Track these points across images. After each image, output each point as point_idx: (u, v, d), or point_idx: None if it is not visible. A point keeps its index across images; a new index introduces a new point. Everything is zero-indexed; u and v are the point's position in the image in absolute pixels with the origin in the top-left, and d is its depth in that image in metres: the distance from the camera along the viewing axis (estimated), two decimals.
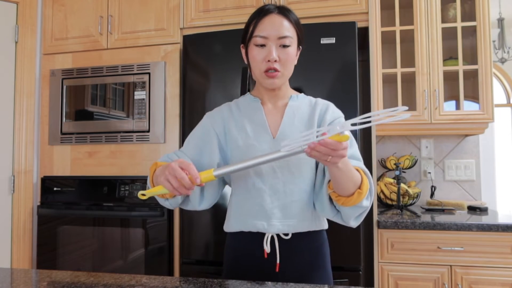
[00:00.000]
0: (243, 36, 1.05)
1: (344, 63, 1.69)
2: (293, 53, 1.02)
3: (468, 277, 1.62)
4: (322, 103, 1.09)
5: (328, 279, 1.06)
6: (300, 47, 1.08)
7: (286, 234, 1.00)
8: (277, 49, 0.99)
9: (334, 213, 1.00)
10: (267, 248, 0.99)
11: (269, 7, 1.01)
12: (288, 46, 1.00)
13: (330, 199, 1.00)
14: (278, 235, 1.00)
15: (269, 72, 1.00)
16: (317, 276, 1.03)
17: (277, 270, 0.99)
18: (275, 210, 0.99)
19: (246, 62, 1.09)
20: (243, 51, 1.08)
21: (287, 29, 1.00)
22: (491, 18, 1.94)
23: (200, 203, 1.05)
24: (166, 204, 1.03)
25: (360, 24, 1.82)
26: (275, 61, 0.99)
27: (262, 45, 1.00)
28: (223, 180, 1.10)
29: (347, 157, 0.88)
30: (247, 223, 1.01)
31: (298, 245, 1.01)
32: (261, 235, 1.00)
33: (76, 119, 2.03)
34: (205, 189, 1.04)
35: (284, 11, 1.02)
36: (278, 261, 0.99)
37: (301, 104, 1.09)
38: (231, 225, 1.06)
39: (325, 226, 1.09)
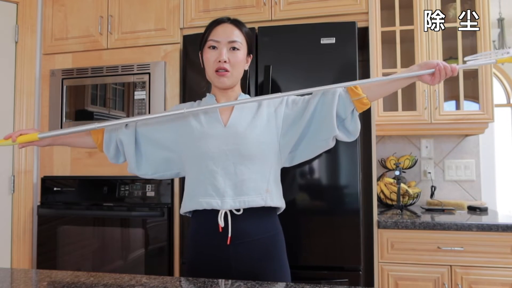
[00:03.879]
0: (200, 42, 1.21)
1: (344, 63, 1.69)
2: (242, 57, 1.17)
3: (468, 277, 1.62)
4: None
5: (284, 270, 1.16)
6: (251, 55, 1.24)
7: (238, 210, 1.10)
8: (227, 52, 1.15)
9: (339, 130, 1.12)
10: (221, 223, 1.09)
11: (223, 18, 1.18)
12: (237, 49, 1.16)
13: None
14: (230, 211, 1.10)
15: (219, 72, 1.14)
16: (272, 265, 1.13)
17: (228, 243, 1.09)
18: (228, 189, 1.10)
19: (202, 66, 1.22)
20: (200, 56, 1.22)
21: (237, 36, 1.16)
22: (491, 18, 1.94)
23: (137, 167, 1.22)
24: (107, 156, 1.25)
25: (360, 24, 1.81)
26: (225, 61, 1.14)
27: (214, 48, 1.15)
28: (175, 163, 1.22)
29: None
30: (202, 201, 1.11)
31: (249, 221, 1.11)
32: (215, 212, 1.11)
33: (76, 119, 2.03)
34: (142, 157, 1.22)
35: (235, 22, 1.18)
36: (229, 235, 1.09)
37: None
38: (186, 205, 1.17)
39: (280, 204, 1.17)
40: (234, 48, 1.15)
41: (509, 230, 1.60)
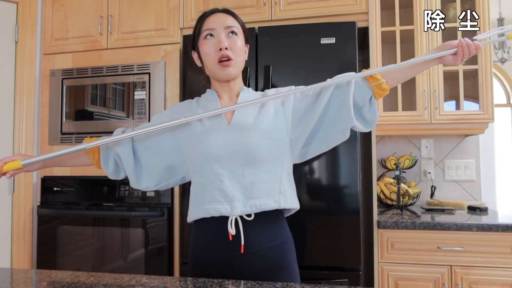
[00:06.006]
0: (193, 39, 1.11)
1: (344, 63, 1.69)
2: (241, 44, 1.08)
3: (468, 277, 1.62)
4: (273, 90, 1.14)
5: (293, 279, 1.07)
6: (248, 44, 1.14)
7: (249, 215, 1.01)
8: (226, 37, 1.05)
9: (356, 119, 1.05)
10: (232, 231, 1.00)
11: (214, 9, 1.10)
12: (235, 34, 1.06)
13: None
14: (241, 217, 1.01)
15: (223, 62, 1.04)
16: (280, 276, 1.03)
17: (242, 251, 1.00)
18: (237, 193, 1.01)
19: (199, 64, 1.13)
20: (195, 56, 1.13)
21: (232, 22, 1.07)
22: (491, 18, 1.94)
23: (138, 181, 1.13)
24: (106, 172, 1.16)
25: (360, 24, 1.82)
26: (226, 48, 1.03)
27: (211, 36, 1.06)
28: (178, 169, 1.13)
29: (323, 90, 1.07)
30: (209, 208, 1.02)
31: (260, 228, 1.03)
32: (224, 219, 1.01)
33: (76, 119, 2.03)
34: (143, 169, 1.12)
35: (227, 11, 1.10)
36: (242, 243, 1.00)
37: (252, 95, 1.13)
38: (193, 214, 1.08)
39: (294, 205, 1.08)
40: (232, 33, 1.06)
41: (509, 230, 1.60)
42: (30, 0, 2.13)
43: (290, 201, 1.06)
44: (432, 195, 2.17)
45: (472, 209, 1.98)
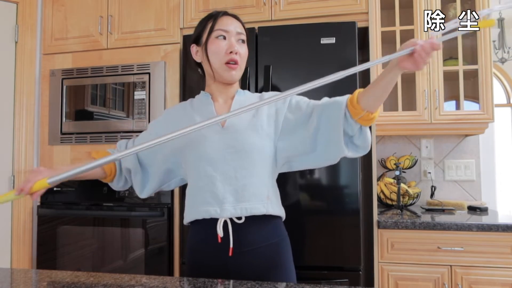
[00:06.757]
0: (199, 34, 1.11)
1: (344, 63, 1.69)
2: (246, 52, 1.11)
3: (468, 277, 1.62)
4: (270, 94, 1.16)
5: (288, 278, 1.07)
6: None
7: (239, 218, 1.02)
8: (236, 43, 1.08)
9: (347, 147, 1.03)
10: (220, 233, 1.01)
11: (224, 11, 1.12)
12: (243, 42, 1.10)
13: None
14: (231, 220, 1.02)
15: (230, 64, 1.06)
16: (275, 275, 1.04)
17: (230, 254, 1.01)
18: (227, 195, 1.02)
19: (197, 60, 1.14)
20: (193, 50, 1.14)
21: (242, 29, 1.11)
22: (491, 18, 1.94)
23: (141, 192, 1.16)
24: (112, 186, 1.19)
25: (360, 24, 1.82)
26: (236, 53, 1.06)
27: (223, 37, 1.07)
28: (176, 174, 1.15)
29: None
30: (201, 210, 1.04)
31: (252, 230, 1.03)
32: (215, 221, 1.02)
33: (76, 119, 2.03)
34: (149, 179, 1.14)
35: (236, 17, 1.13)
36: (231, 246, 1.01)
37: (249, 98, 1.14)
38: (187, 216, 1.09)
39: (281, 213, 1.10)
40: (242, 41, 1.09)
41: (509, 230, 1.60)
42: (30, 0, 2.13)
43: (277, 208, 1.08)
44: (432, 195, 2.17)
45: (472, 209, 1.98)
